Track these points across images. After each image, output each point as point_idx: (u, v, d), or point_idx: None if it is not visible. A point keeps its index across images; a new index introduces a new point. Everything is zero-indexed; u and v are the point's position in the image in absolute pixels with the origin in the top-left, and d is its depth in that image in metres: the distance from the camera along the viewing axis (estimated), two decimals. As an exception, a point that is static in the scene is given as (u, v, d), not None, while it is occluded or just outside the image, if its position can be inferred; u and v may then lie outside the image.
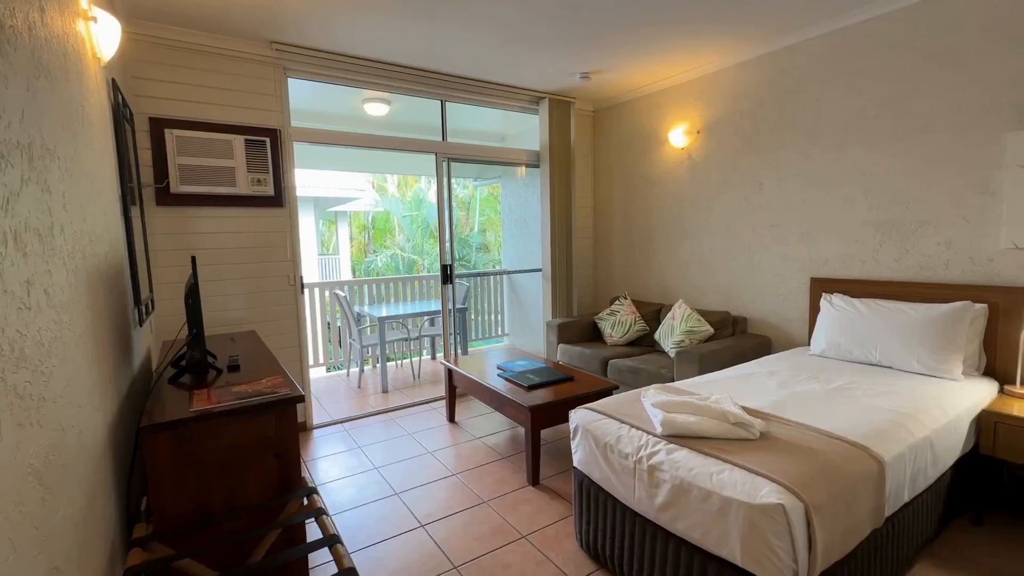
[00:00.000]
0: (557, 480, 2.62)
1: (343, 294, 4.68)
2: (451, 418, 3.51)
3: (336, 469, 2.84)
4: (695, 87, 3.72)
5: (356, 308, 5.04)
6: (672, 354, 3.31)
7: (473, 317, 5.65)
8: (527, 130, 4.75)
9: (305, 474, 2.72)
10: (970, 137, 2.44)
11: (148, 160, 2.81)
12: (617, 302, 4.04)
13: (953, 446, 1.99)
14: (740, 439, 1.69)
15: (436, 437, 3.25)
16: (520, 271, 5.40)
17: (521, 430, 3.26)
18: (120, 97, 2.13)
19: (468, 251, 10.20)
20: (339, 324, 5.10)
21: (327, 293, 5.04)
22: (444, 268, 3.96)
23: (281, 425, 1.59)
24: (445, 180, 3.96)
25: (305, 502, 1.60)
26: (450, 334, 4.04)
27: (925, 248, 2.62)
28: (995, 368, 2.39)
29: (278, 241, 3.24)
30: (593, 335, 4.13)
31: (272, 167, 3.13)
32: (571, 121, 4.32)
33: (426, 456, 2.96)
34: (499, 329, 5.86)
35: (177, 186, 2.86)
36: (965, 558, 1.93)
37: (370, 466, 2.86)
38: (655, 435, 1.77)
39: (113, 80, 2.07)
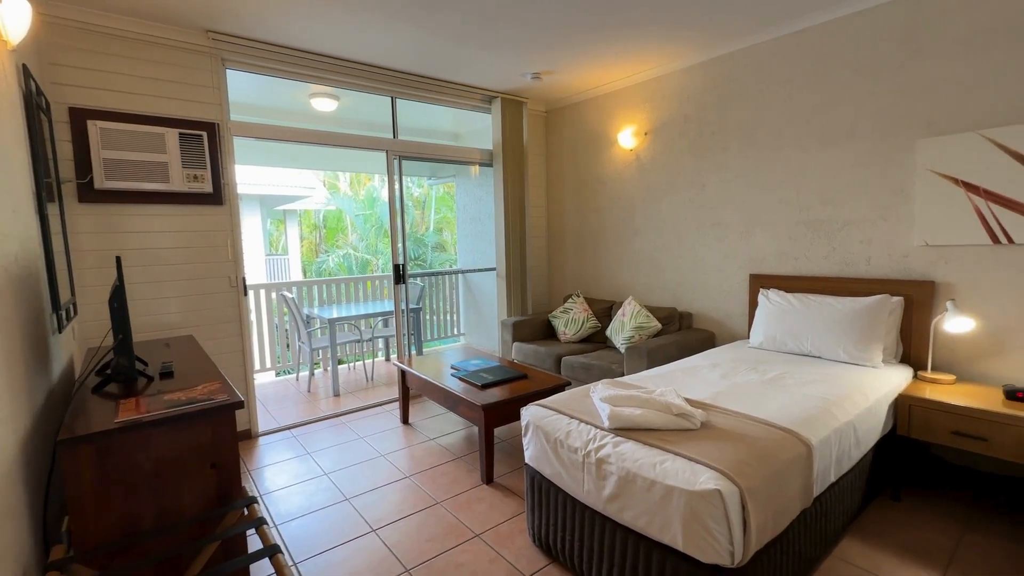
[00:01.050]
0: (511, 477, 2.63)
1: (291, 295, 4.51)
2: (405, 420, 3.46)
3: (283, 477, 2.73)
4: (643, 90, 3.83)
5: (306, 310, 4.88)
6: (622, 350, 3.40)
7: (428, 317, 5.60)
8: (480, 129, 4.74)
9: (249, 484, 2.61)
10: (888, 143, 2.64)
11: (69, 153, 2.60)
12: (570, 300, 4.11)
13: (874, 428, 2.15)
14: (683, 429, 1.76)
15: (389, 440, 3.19)
16: (475, 270, 5.40)
17: (475, 429, 3.25)
18: (33, 84, 1.97)
19: (424, 250, 10.09)
20: (287, 327, 4.92)
21: (274, 295, 4.85)
22: (397, 268, 3.90)
23: (218, 433, 1.52)
24: (396, 178, 3.89)
25: (245, 512, 1.53)
26: (403, 335, 3.98)
27: (850, 246, 2.82)
28: (910, 355, 2.60)
29: (218, 240, 3.08)
30: (547, 333, 4.18)
31: (210, 163, 2.98)
32: (523, 121, 4.35)
33: (378, 459, 2.91)
34: (455, 329, 5.82)
35: (103, 182, 2.66)
36: (885, 532, 2.09)
37: (319, 472, 2.77)
38: (603, 429, 1.81)
39: (24, 66, 1.91)
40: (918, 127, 2.53)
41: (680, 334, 3.39)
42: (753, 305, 3.16)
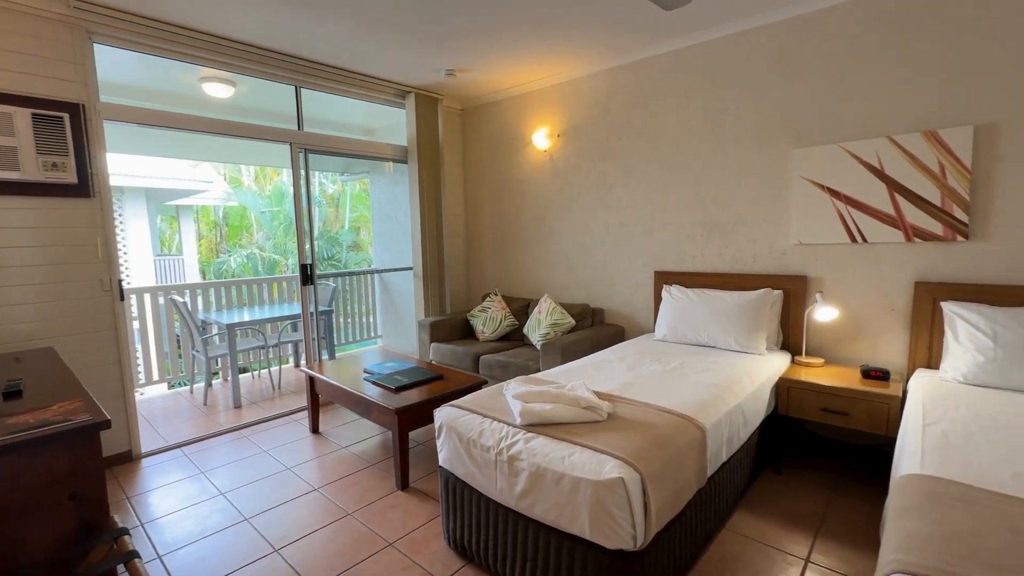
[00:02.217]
0: (427, 481, 2.58)
1: (181, 300, 4.09)
2: (315, 429, 3.27)
3: (171, 501, 2.46)
4: (556, 92, 3.93)
5: (202, 315, 4.45)
6: (538, 346, 3.46)
7: (342, 319, 5.34)
8: (395, 124, 4.60)
9: (124, 513, 2.33)
10: (768, 151, 2.93)
11: None
12: (488, 299, 4.11)
13: (759, 410, 2.37)
14: (591, 421, 1.82)
15: (297, 451, 2.99)
16: (391, 270, 5.24)
17: (391, 435, 3.15)
18: None
19: (338, 250, 9.62)
20: (178, 334, 4.45)
21: (162, 299, 4.36)
22: (304, 268, 3.67)
23: (78, 460, 1.33)
24: (303, 173, 3.66)
25: (114, 547, 1.35)
26: (313, 339, 3.76)
27: (739, 245, 3.09)
28: (789, 342, 2.90)
29: (86, 238, 2.70)
30: (466, 332, 4.16)
31: (74, 149, 2.60)
32: (439, 118, 4.28)
33: (284, 473, 2.72)
34: (371, 331, 5.61)
35: (-74, 168, 2.23)
36: (769, 502, 2.31)
37: (215, 492, 2.53)
38: (515, 426, 1.82)
39: None
40: (792, 138, 2.83)
41: (592, 329, 3.52)
42: (658, 300, 3.36)
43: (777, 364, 2.65)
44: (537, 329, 3.62)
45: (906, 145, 2.46)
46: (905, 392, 2.28)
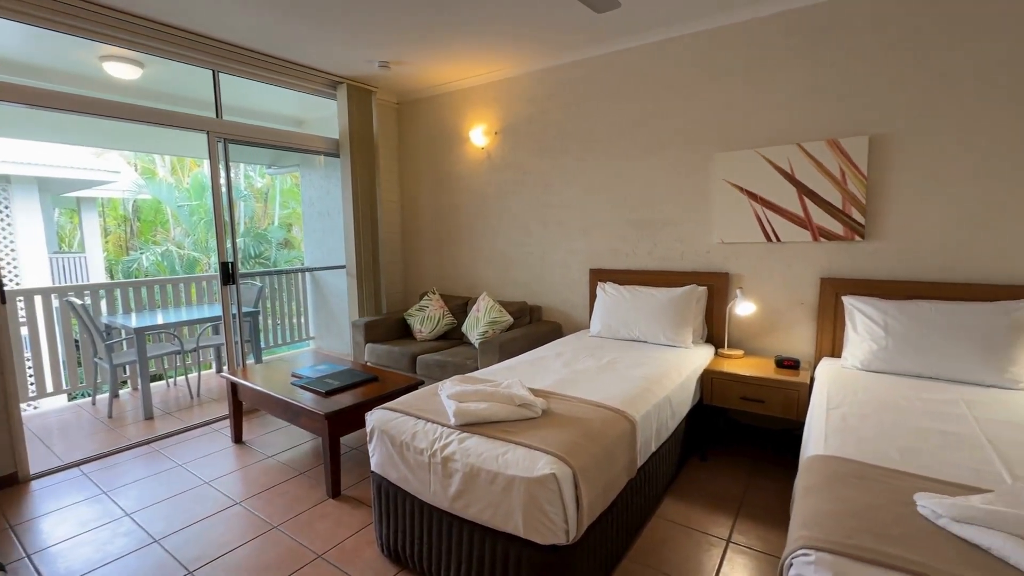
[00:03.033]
0: (361, 488, 2.49)
1: (80, 302, 3.68)
2: (237, 439, 3.06)
3: (66, 527, 2.21)
4: (493, 90, 3.91)
5: (105, 318, 4.03)
6: (477, 345, 3.44)
7: (271, 321, 5.05)
8: (328, 116, 4.40)
9: (8, 544, 2.06)
10: (693, 155, 3.07)
11: None
12: (426, 297, 4.04)
13: (686, 400, 2.48)
14: (526, 419, 1.83)
15: (217, 463, 2.79)
16: (323, 268, 5.01)
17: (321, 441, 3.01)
18: None
19: (267, 247, 9.10)
20: (77, 339, 4.02)
21: (57, 301, 3.91)
22: (224, 266, 3.42)
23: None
24: (222, 164, 3.41)
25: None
26: (235, 342, 3.52)
27: (667, 243, 3.22)
28: (713, 336, 3.07)
29: (-45, 233, 2.35)
30: (403, 332, 4.06)
31: (-62, 130, 2.26)
32: (373, 111, 4.14)
33: (201, 488, 2.52)
34: (303, 332, 5.35)
35: None
36: (695, 488, 2.43)
37: (119, 513, 2.30)
38: (450, 426, 1.79)
39: None
40: (714, 142, 2.99)
41: (531, 327, 3.55)
42: (593, 297, 3.44)
43: (702, 356, 2.79)
44: (475, 327, 3.59)
45: (813, 152, 2.67)
46: (813, 379, 2.48)
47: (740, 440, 2.96)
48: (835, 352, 2.68)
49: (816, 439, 1.73)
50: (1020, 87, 2.21)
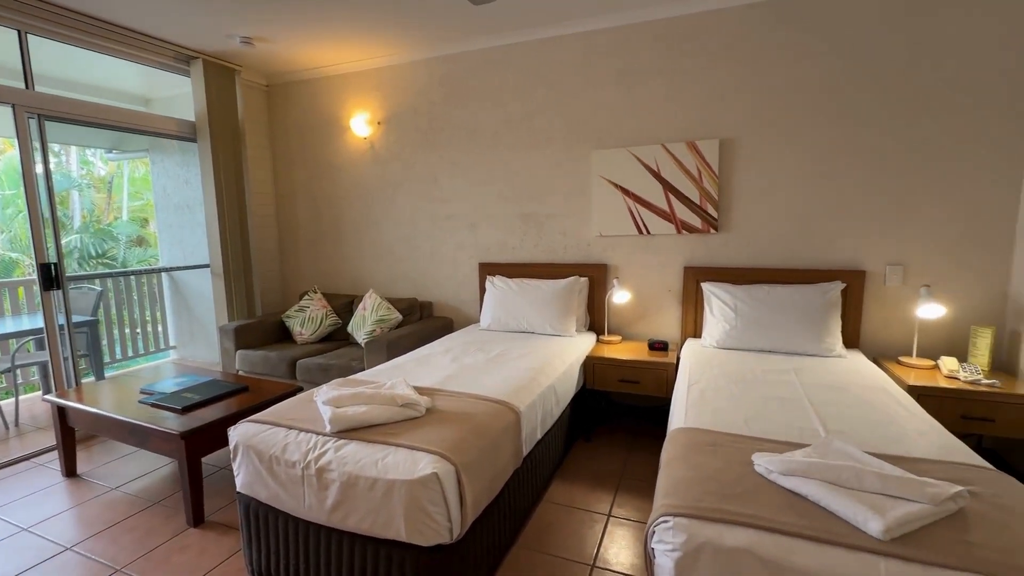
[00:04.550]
0: (229, 512, 2.24)
1: None
2: (70, 472, 2.59)
3: None
4: (374, 77, 3.73)
5: None
6: (363, 344, 3.28)
7: (122, 330, 4.34)
8: (181, 95, 3.87)
9: None
10: (574, 151, 3.21)
11: None
12: (307, 297, 3.76)
13: (570, 387, 2.59)
14: (409, 419, 1.77)
15: (41, 504, 2.33)
16: (182, 268, 4.43)
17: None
18: None
19: (113, 245, 7.83)
20: None
21: None
22: (45, 268, 2.85)
23: None
24: (36, 145, 2.83)
25: None
26: (65, 358, 2.96)
27: (552, 236, 3.34)
28: (594, 324, 3.25)
29: None
30: (282, 335, 3.74)
31: None
32: (237, 92, 3.73)
33: (17, 536, 2.09)
34: (161, 342, 4.69)
35: None
36: (580, 469, 2.56)
37: None
38: (325, 434, 1.67)
39: None
40: (592, 140, 3.15)
41: (421, 323, 3.47)
42: (483, 291, 3.46)
43: (585, 344, 2.94)
44: (362, 327, 3.42)
45: (675, 152, 2.92)
46: (679, 359, 2.73)
47: (621, 420, 3.17)
48: (697, 333, 2.98)
49: (679, 413, 1.91)
50: (832, 104, 2.61)
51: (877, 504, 1.16)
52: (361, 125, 3.79)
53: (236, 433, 1.77)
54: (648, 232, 3.05)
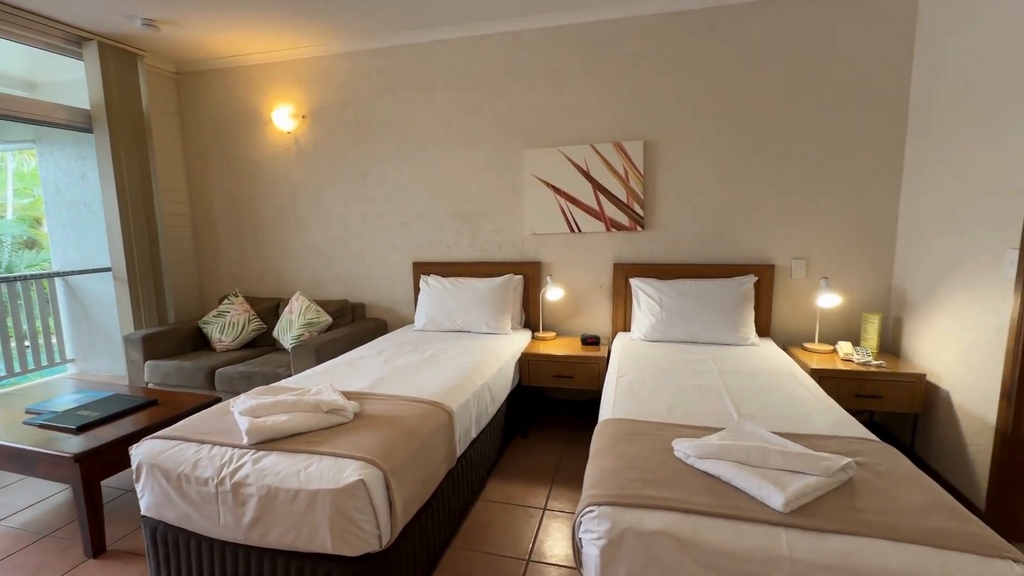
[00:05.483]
0: (135, 538, 2.04)
1: None
2: (-61, 507, 2.26)
3: None
4: (297, 68, 3.55)
5: None
6: (290, 350, 3.11)
7: (6, 343, 3.84)
8: (76, 81, 3.49)
9: None
10: (506, 150, 3.22)
11: None
12: (227, 301, 3.51)
13: (505, 385, 2.61)
14: (335, 425, 1.70)
15: (-101, 547, 2.02)
16: (78, 272, 4.00)
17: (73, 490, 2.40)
18: None
19: (-4, 248, 6.93)
20: None
21: None
22: (-99, 275, 2.47)
23: None
24: None
25: None
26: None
27: (486, 235, 3.34)
28: (530, 321, 3.29)
29: None
30: (199, 343, 3.48)
31: None
32: (140, 79, 3.42)
33: None
34: (58, 354, 4.20)
35: None
36: (517, 465, 2.58)
37: None
38: (242, 447, 1.57)
39: None
40: (523, 139, 3.18)
41: (353, 326, 3.35)
42: (417, 291, 3.40)
43: (520, 341, 2.97)
44: (289, 331, 3.25)
45: (603, 152, 3.01)
46: (610, 352, 2.83)
47: (558, 414, 3.23)
48: (627, 327, 3.10)
49: (607, 405, 1.97)
50: (743, 110, 2.80)
51: (780, 480, 1.26)
52: (284, 119, 3.59)
53: (139, 452, 1.62)
54: (579, 230, 3.12)
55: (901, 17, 2.54)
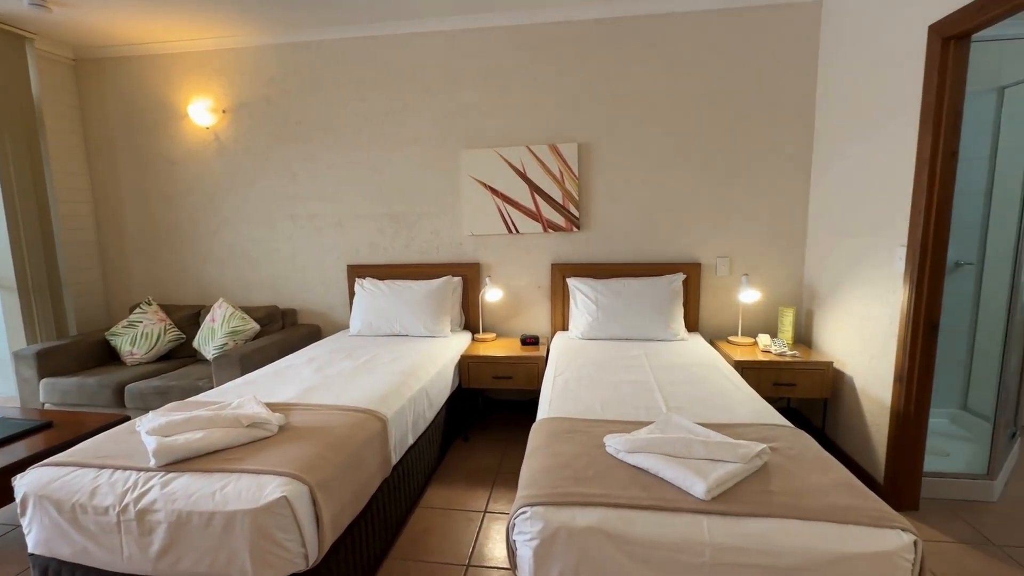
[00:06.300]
0: (27, 576, 1.83)
1: None
2: None
3: None
4: (216, 60, 3.32)
5: None
6: (212, 360, 2.91)
7: None
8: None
9: None
10: (443, 151, 3.18)
11: None
12: (138, 310, 3.22)
13: (444, 389, 2.57)
14: (257, 440, 1.60)
15: None
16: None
17: (-39, 525, 2.12)
18: None
19: None
20: None
21: None
22: None
23: None
24: None
25: None
26: None
27: (423, 236, 3.28)
28: (470, 323, 3.27)
29: None
30: (107, 357, 3.17)
31: None
32: (29, 64, 3.06)
33: None
34: (-69, 376, 3.68)
35: None
36: (458, 469, 2.55)
37: None
38: (150, 469, 1.44)
39: None
40: (460, 140, 3.15)
41: (283, 333, 3.18)
42: (353, 295, 3.28)
43: (460, 344, 2.93)
44: (211, 340, 3.03)
45: (539, 154, 3.04)
46: (548, 352, 2.86)
47: (499, 416, 3.23)
48: (565, 326, 3.15)
49: (544, 404, 1.98)
50: (670, 115, 2.92)
51: (702, 469, 1.31)
52: (202, 113, 3.35)
53: (24, 482, 1.44)
54: (517, 231, 3.14)
55: (806, 33, 2.75)
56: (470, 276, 3.22)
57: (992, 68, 2.52)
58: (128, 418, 2.24)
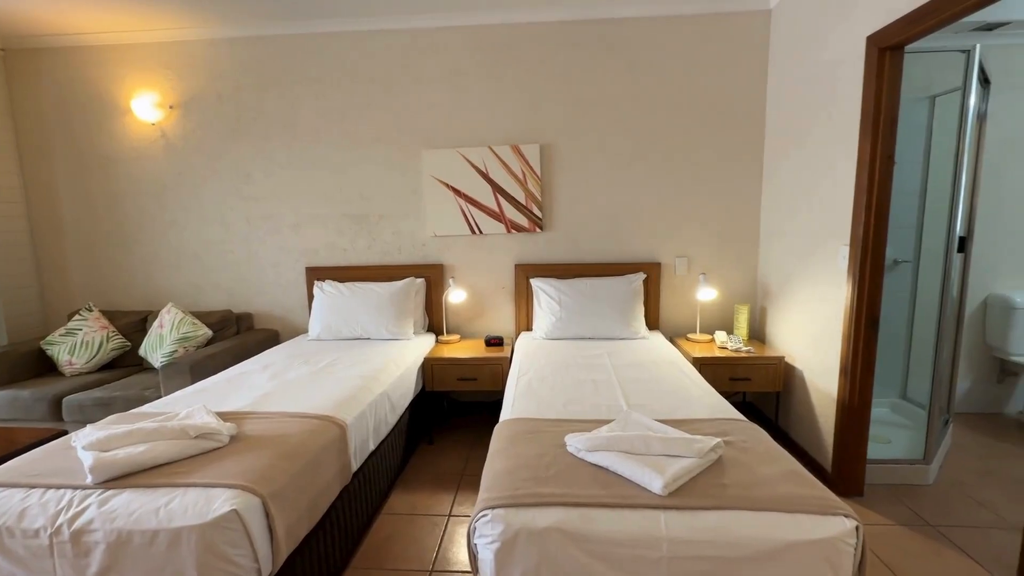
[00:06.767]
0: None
1: None
2: None
3: None
4: (162, 53, 3.16)
5: None
6: (160, 369, 2.76)
7: None
8: None
9: None
10: (404, 150, 3.13)
11: None
12: (78, 317, 3.03)
13: (407, 392, 2.53)
14: (206, 452, 1.53)
15: None
16: None
17: None
18: None
19: None
20: None
21: None
22: None
23: None
24: None
25: None
26: None
27: (385, 237, 3.22)
28: (433, 324, 3.23)
29: None
30: (43, 368, 2.97)
31: None
32: (-51, 54, 2.83)
33: None
34: None
35: None
36: (421, 472, 2.52)
37: None
38: (86, 487, 1.35)
39: None
40: (422, 140, 3.11)
41: (238, 338, 3.05)
42: (312, 298, 3.19)
43: (424, 346, 2.90)
44: (159, 348, 2.89)
45: (501, 155, 3.04)
46: (513, 352, 2.86)
47: (465, 417, 3.21)
48: (529, 326, 3.16)
49: (507, 405, 1.98)
50: (631, 118, 2.98)
51: (659, 465, 1.34)
52: (147, 108, 3.18)
53: (-58, 506, 1.33)
54: (480, 232, 3.13)
55: (757, 41, 2.86)
56: (433, 277, 3.19)
57: (924, 78, 2.69)
58: (66, 432, 2.10)
